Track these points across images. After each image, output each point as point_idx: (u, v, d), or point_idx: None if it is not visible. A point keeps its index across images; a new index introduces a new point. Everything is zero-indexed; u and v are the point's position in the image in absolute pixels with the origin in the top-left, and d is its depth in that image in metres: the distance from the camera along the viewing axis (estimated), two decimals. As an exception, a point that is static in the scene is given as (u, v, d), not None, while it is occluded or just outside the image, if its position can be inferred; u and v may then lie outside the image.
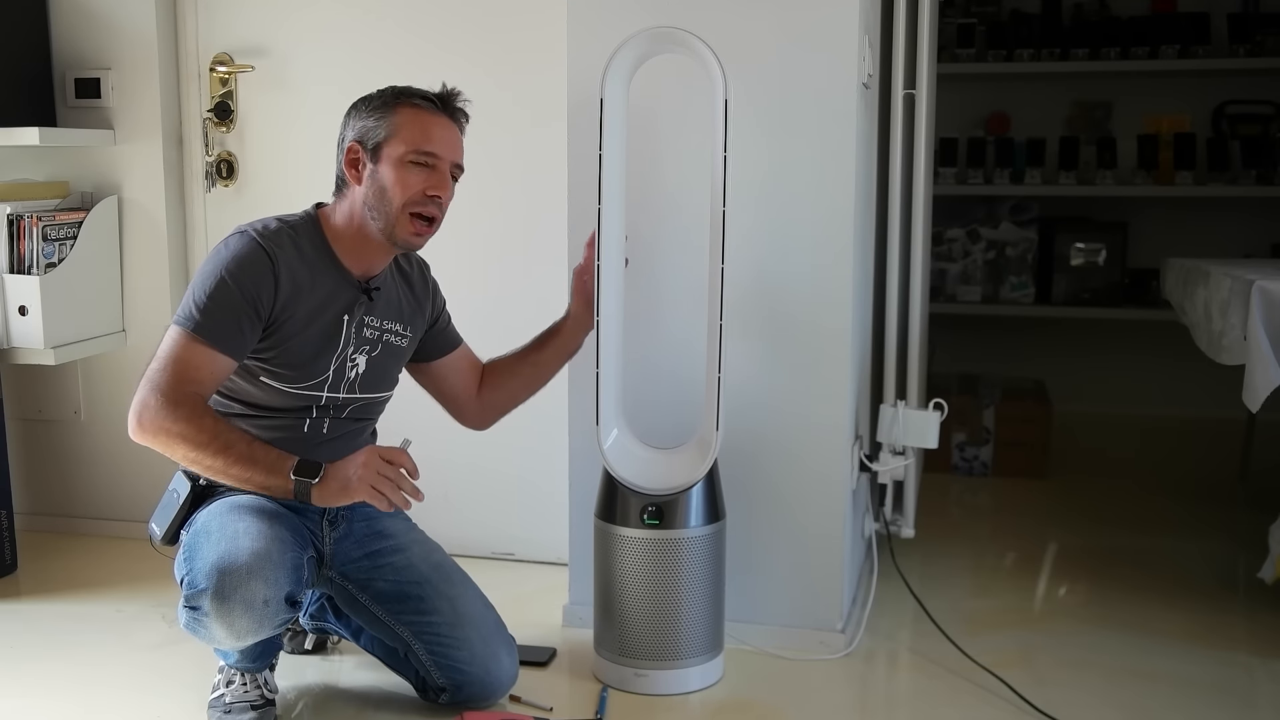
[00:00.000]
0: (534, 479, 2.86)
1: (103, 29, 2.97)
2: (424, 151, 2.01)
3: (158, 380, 1.91)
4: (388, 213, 2.01)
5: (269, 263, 1.96)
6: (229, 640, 1.89)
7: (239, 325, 1.94)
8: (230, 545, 1.86)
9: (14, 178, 2.97)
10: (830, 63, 2.25)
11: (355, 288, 2.07)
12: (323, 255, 2.05)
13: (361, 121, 2.04)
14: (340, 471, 1.90)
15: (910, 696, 2.25)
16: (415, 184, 2.01)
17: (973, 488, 3.73)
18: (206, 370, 1.93)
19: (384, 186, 2.01)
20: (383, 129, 2.01)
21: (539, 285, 2.79)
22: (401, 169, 2.01)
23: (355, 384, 2.10)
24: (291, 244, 2.01)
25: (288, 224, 2.04)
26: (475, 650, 2.06)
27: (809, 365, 2.33)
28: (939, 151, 4.42)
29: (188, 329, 1.92)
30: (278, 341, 2.00)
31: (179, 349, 1.92)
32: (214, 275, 1.94)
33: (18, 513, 2.97)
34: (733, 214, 2.20)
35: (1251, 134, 4.41)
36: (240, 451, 1.89)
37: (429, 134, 2.02)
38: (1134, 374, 4.64)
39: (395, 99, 2.04)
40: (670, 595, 2.16)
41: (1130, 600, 2.69)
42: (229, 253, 1.96)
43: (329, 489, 1.89)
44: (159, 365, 1.92)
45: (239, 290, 1.93)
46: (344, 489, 1.89)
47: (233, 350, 1.94)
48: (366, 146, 2.03)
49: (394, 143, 2.01)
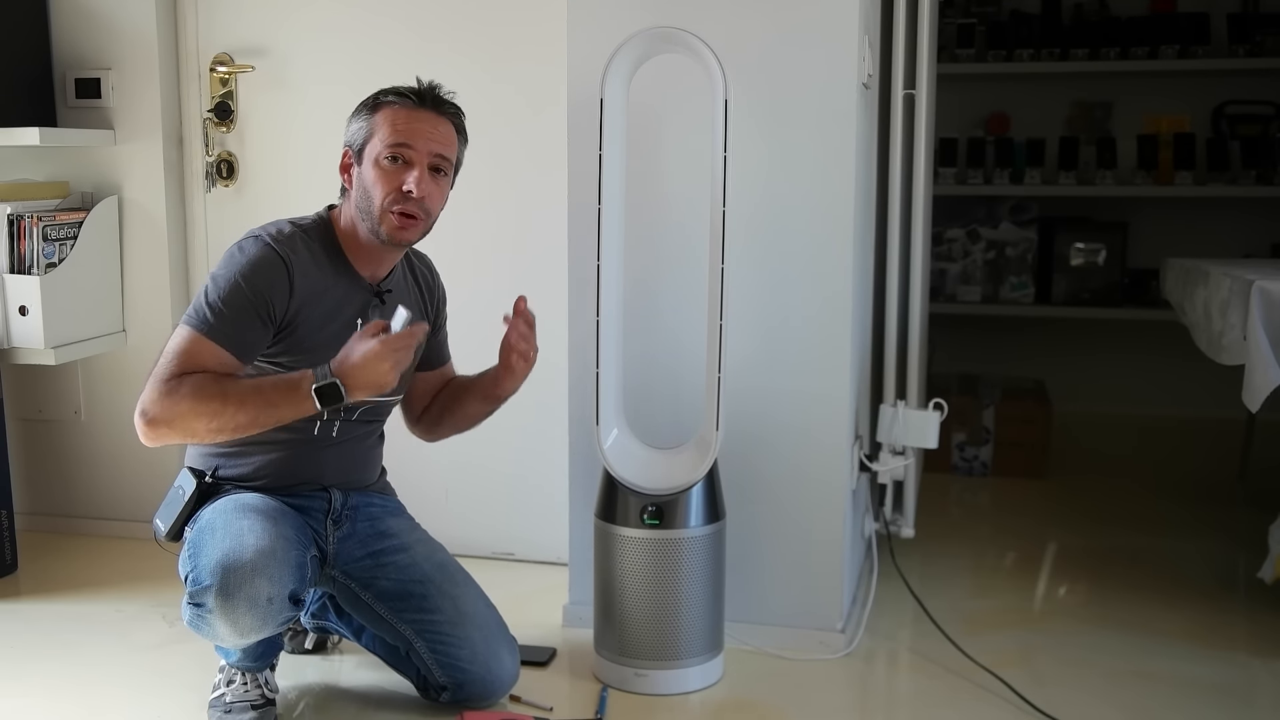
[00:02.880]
0: (534, 479, 2.86)
1: (103, 29, 2.97)
2: (396, 145, 2.01)
3: (158, 373, 1.90)
4: (372, 212, 2.02)
5: (284, 266, 1.96)
6: (232, 638, 1.89)
7: (250, 326, 1.94)
8: (235, 543, 1.87)
9: (14, 178, 2.97)
10: (830, 63, 2.25)
11: (368, 291, 2.08)
12: (335, 259, 2.05)
13: (351, 127, 2.06)
14: (364, 376, 1.86)
15: (910, 696, 2.25)
16: (391, 181, 2.01)
17: (973, 488, 3.73)
18: (212, 364, 1.91)
19: (366, 187, 2.02)
20: (364, 131, 2.04)
21: (538, 283, 2.78)
22: (378, 167, 2.01)
23: None
24: (305, 248, 2.02)
25: (301, 227, 2.05)
26: (477, 649, 2.06)
27: (809, 365, 2.33)
28: (939, 151, 4.42)
29: (197, 328, 1.92)
30: (291, 346, 2.00)
31: (187, 345, 1.92)
32: (228, 278, 1.94)
33: (18, 513, 2.97)
34: (733, 214, 2.20)
35: (1251, 134, 4.41)
36: (260, 400, 1.87)
37: (398, 128, 2.01)
38: (1134, 374, 4.64)
39: (376, 100, 2.06)
40: (670, 595, 2.16)
41: (1130, 600, 2.70)
42: (244, 257, 1.96)
43: (361, 393, 1.88)
44: (163, 360, 1.92)
45: (252, 293, 1.93)
46: (379, 387, 1.88)
47: (240, 350, 1.94)
48: (354, 150, 2.05)
49: (373, 142, 2.02)
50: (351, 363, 1.87)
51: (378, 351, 1.86)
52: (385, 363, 1.86)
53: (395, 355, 1.87)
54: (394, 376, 1.88)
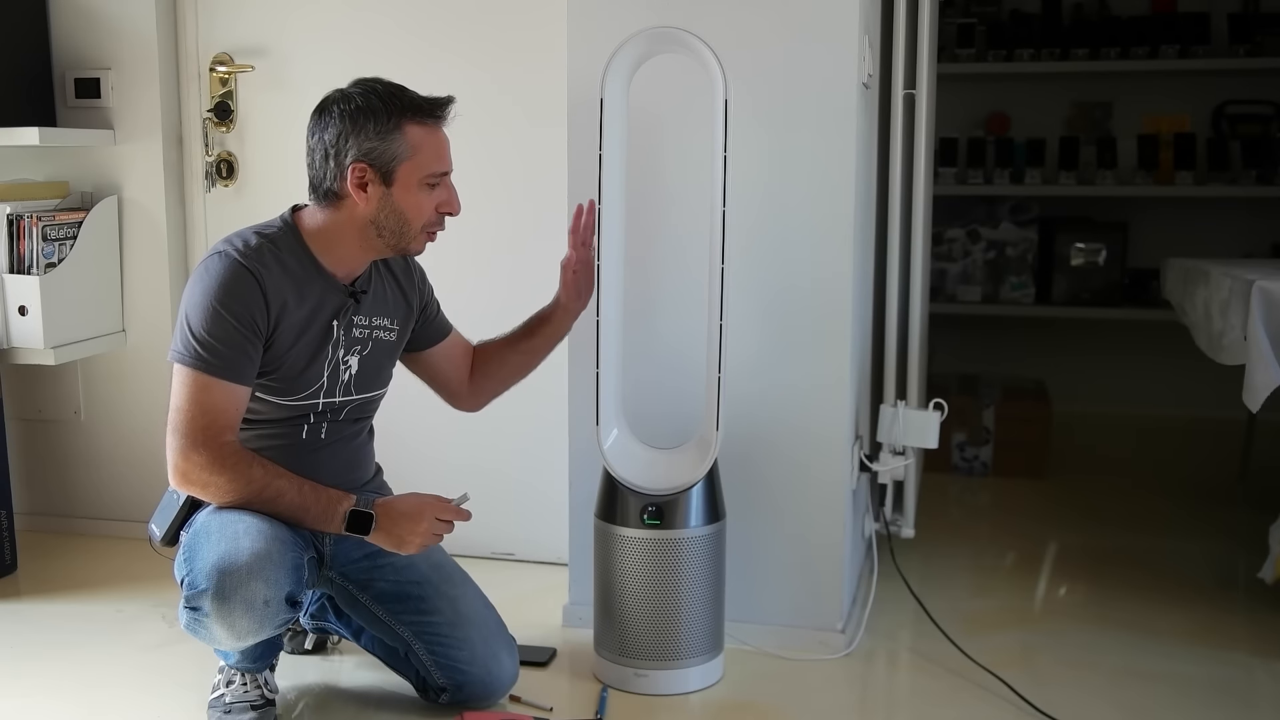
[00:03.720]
0: (534, 479, 2.86)
1: (103, 29, 2.97)
2: (440, 174, 2.01)
3: (188, 430, 1.91)
4: (405, 233, 2.00)
5: (255, 283, 1.93)
6: (229, 641, 1.89)
7: (245, 351, 1.93)
8: (231, 546, 1.86)
9: (14, 178, 2.97)
10: (830, 62, 2.25)
11: (342, 292, 2.05)
12: (306, 265, 2.01)
13: (369, 143, 1.94)
14: (394, 527, 1.94)
15: (910, 696, 2.25)
16: (430, 205, 2.01)
17: (973, 488, 3.73)
18: (230, 405, 1.93)
19: (400, 211, 1.98)
20: (394, 151, 1.95)
21: (539, 283, 2.78)
22: (417, 193, 1.99)
23: (350, 385, 2.09)
24: (274, 259, 1.97)
25: (267, 237, 1.99)
26: (476, 650, 2.06)
27: (809, 365, 2.33)
28: (939, 151, 4.42)
29: (197, 369, 1.91)
30: (270, 359, 1.98)
31: (196, 391, 1.91)
32: (205, 307, 1.92)
33: (18, 513, 2.97)
34: (733, 214, 2.20)
35: (1251, 134, 4.41)
36: (290, 501, 1.94)
37: (440, 155, 2.00)
38: (1134, 374, 4.64)
39: (400, 116, 1.95)
40: (670, 595, 2.16)
41: (1130, 600, 2.69)
42: (213, 280, 1.93)
43: (380, 541, 1.96)
44: (184, 414, 1.91)
45: (234, 319, 1.92)
46: (398, 545, 1.96)
47: (246, 378, 1.95)
48: (378, 169, 1.96)
49: (409, 166, 1.96)
50: (395, 507, 1.96)
51: (421, 508, 1.95)
52: (421, 524, 1.94)
53: (432, 522, 1.95)
54: (418, 545, 1.95)
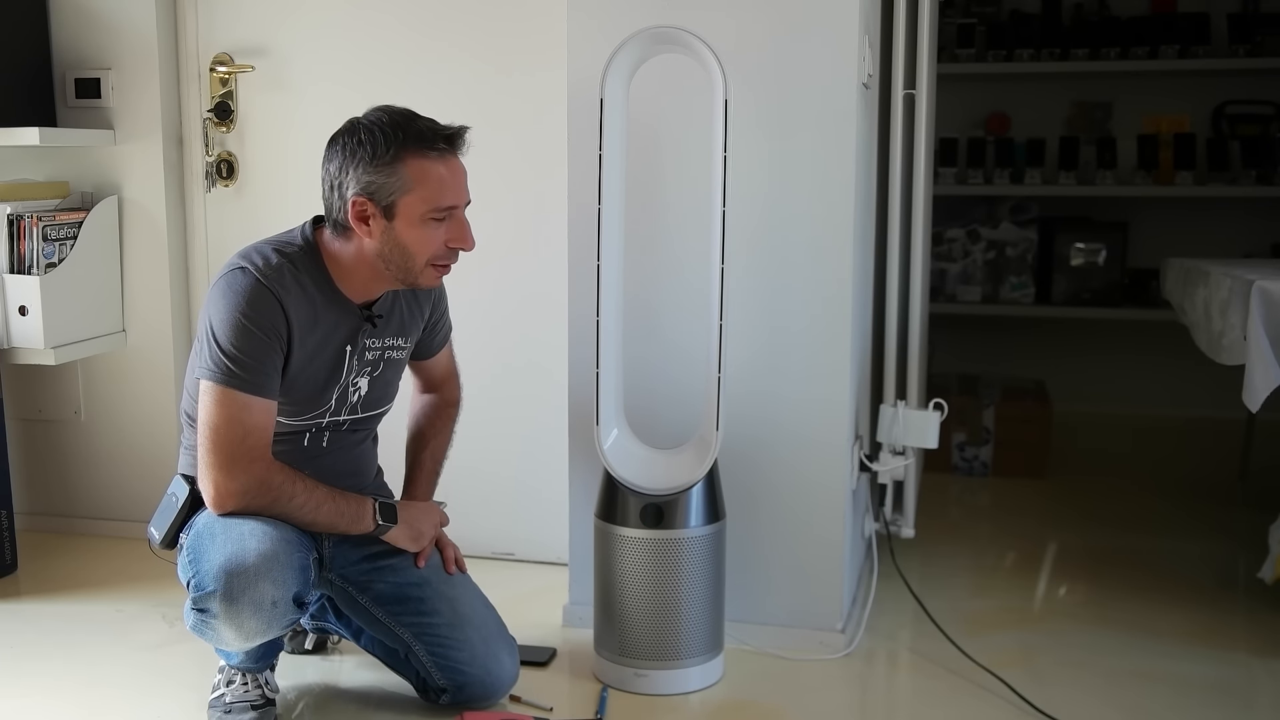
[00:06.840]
0: (534, 479, 2.86)
1: (103, 29, 2.97)
2: (445, 208, 1.95)
3: (223, 450, 1.90)
4: (409, 267, 1.97)
5: (277, 303, 1.92)
6: (237, 641, 1.89)
7: (275, 364, 1.93)
8: (237, 547, 1.86)
9: (14, 178, 2.97)
10: (830, 62, 2.25)
11: (358, 316, 2.03)
12: (324, 288, 1.99)
13: (368, 176, 1.90)
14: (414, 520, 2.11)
15: (910, 696, 2.25)
16: (436, 239, 1.96)
17: (973, 488, 3.73)
18: (267, 421, 1.93)
19: (404, 245, 1.94)
20: (394, 185, 1.90)
21: (539, 284, 2.79)
22: (421, 227, 1.94)
23: (358, 406, 2.10)
24: (294, 280, 1.95)
25: (287, 256, 1.97)
26: (476, 651, 2.06)
27: (809, 365, 2.33)
28: (939, 151, 4.42)
29: (232, 386, 1.90)
30: (283, 383, 1.97)
31: (236, 410, 1.90)
32: (233, 322, 1.90)
33: (18, 513, 2.97)
34: (733, 214, 2.20)
35: (1251, 134, 4.41)
36: (327, 511, 1.99)
37: (444, 188, 1.93)
38: (1134, 374, 4.64)
39: (401, 149, 1.90)
40: (670, 595, 2.16)
41: (1130, 600, 2.70)
42: (238, 295, 1.91)
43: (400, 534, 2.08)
44: (218, 432, 1.90)
45: (261, 332, 1.91)
46: (415, 538, 2.11)
47: (275, 392, 1.95)
48: (378, 203, 1.91)
49: (409, 200, 1.91)
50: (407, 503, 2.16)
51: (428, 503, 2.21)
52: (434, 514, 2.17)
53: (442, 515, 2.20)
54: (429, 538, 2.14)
